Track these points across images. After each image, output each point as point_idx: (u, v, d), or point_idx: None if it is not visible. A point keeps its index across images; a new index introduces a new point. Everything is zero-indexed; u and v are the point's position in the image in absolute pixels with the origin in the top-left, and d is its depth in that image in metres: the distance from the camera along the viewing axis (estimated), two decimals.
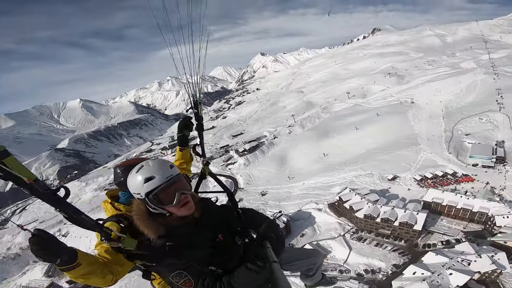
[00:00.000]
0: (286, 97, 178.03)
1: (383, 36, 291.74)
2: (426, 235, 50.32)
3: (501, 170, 68.71)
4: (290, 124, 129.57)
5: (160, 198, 2.06)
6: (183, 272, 1.94)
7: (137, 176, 2.04)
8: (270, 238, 2.22)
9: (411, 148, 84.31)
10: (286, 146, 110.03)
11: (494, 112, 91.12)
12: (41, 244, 1.57)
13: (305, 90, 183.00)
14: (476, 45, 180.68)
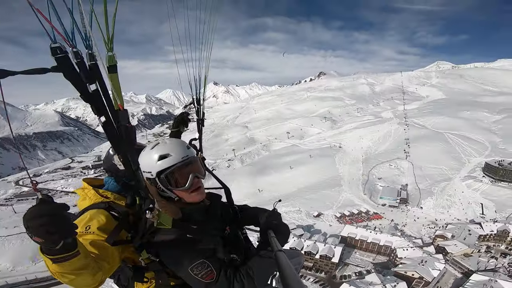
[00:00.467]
0: (230, 130, 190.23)
1: (327, 80, 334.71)
2: (343, 266, 60.65)
3: (403, 209, 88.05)
4: (230, 158, 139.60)
5: (172, 179, 2.05)
6: (206, 261, 1.86)
7: (151, 152, 2.03)
8: (274, 227, 2.19)
9: (334, 188, 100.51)
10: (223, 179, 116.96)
11: (402, 159, 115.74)
12: (51, 216, 1.21)
13: (250, 125, 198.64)
14: (397, 96, 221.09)
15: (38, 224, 1.19)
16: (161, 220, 1.75)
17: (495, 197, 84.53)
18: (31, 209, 1.23)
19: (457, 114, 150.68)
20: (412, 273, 50.50)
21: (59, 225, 1.24)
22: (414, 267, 51.29)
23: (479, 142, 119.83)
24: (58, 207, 1.26)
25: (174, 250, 1.90)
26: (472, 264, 52.12)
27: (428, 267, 50.85)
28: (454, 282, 50.81)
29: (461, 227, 64.99)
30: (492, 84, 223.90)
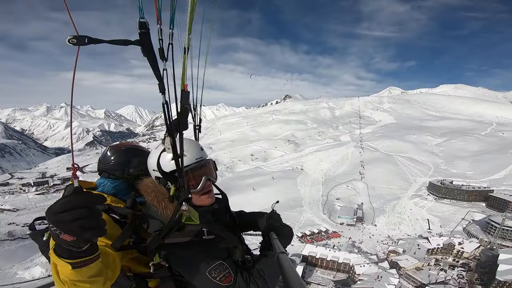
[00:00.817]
0: None
1: (291, 104, 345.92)
2: None
3: (359, 227, 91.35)
4: None
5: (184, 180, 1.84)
6: (224, 263, 1.75)
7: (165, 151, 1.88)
8: (276, 229, 2.10)
9: (296, 209, 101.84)
10: None
11: (357, 181, 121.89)
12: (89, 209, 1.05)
13: (214, 147, 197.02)
14: (354, 120, 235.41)
15: (72, 217, 1.01)
16: (191, 215, 1.63)
17: (439, 213, 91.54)
18: (62, 200, 1.04)
19: (405, 137, 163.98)
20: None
21: (97, 220, 1.09)
22: (371, 283, 52.72)
23: (424, 164, 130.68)
24: (97, 197, 1.11)
25: (189, 252, 1.76)
26: (423, 278, 54.95)
27: (384, 282, 52.48)
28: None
29: (411, 242, 68.81)
30: (434, 109, 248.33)
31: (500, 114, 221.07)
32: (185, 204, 1.60)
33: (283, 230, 2.15)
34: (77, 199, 1.03)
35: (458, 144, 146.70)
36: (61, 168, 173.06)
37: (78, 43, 1.08)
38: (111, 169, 2.31)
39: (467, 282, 54.59)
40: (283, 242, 1.99)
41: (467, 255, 61.70)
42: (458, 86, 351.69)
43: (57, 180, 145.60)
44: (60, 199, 1.04)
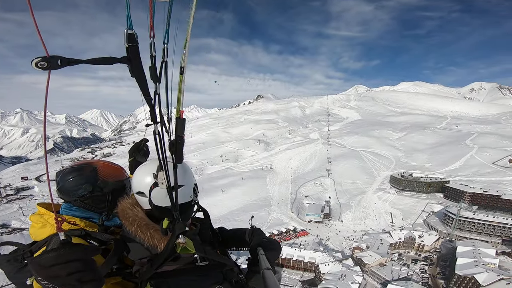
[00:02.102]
0: None
1: (263, 104, 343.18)
2: None
3: (327, 224, 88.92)
4: None
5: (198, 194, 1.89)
6: (222, 286, 1.75)
7: None
8: (263, 244, 2.03)
9: (264, 209, 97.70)
10: None
11: (325, 177, 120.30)
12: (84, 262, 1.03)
13: (185, 149, 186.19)
14: (323, 118, 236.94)
15: (67, 272, 0.95)
16: (187, 245, 1.52)
17: (401, 206, 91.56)
18: (52, 254, 0.95)
19: (369, 133, 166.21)
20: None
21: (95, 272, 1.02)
22: (335, 282, 49.60)
23: (386, 157, 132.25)
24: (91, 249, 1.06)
25: (183, 280, 1.64)
26: (387, 274, 52.69)
27: (348, 281, 49.57)
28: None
29: (374, 237, 67.04)
30: (395, 106, 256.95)
31: (454, 109, 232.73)
32: (182, 237, 1.47)
33: (271, 245, 2.07)
34: (70, 252, 0.97)
35: (417, 138, 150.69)
36: (16, 178, 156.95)
37: (50, 67, 0.91)
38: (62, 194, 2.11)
39: (429, 277, 53.10)
40: (271, 257, 1.95)
41: (428, 248, 60.70)
42: (417, 83, 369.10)
43: (9, 190, 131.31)
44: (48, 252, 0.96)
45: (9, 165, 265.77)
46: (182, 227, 1.48)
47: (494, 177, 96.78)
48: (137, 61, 1.12)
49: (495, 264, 48.53)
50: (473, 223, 64.63)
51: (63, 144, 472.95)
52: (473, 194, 78.35)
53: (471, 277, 44.68)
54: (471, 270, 46.16)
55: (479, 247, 52.40)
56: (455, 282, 47.03)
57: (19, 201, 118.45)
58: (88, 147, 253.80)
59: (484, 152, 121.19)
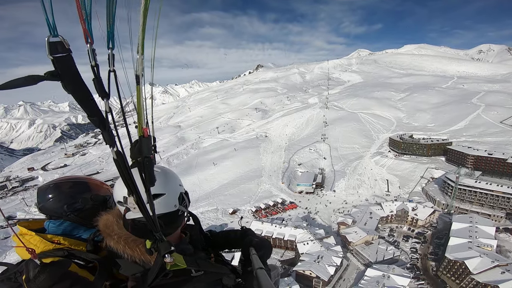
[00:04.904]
0: (162, 132, 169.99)
1: (263, 73, 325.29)
2: None
3: (318, 195, 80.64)
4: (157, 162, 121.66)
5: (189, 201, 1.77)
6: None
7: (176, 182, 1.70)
8: (255, 244, 1.96)
9: (254, 180, 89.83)
10: None
11: (321, 142, 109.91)
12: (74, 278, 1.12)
13: (183, 124, 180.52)
14: (323, 82, 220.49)
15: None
16: (176, 261, 1.43)
17: (399, 172, 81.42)
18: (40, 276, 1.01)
19: (370, 95, 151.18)
20: (310, 272, 41.23)
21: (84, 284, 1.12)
22: (310, 265, 42.32)
23: (387, 119, 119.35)
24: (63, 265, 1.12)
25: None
26: (371, 254, 44.70)
27: (325, 263, 42.12)
28: (357, 275, 42.82)
29: (363, 210, 58.34)
30: (400, 67, 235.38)
31: (461, 69, 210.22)
32: (169, 256, 1.37)
33: (262, 244, 2.07)
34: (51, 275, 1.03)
35: (420, 98, 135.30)
36: (24, 170, 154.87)
37: None
38: (51, 209, 2.01)
39: (419, 258, 44.49)
40: (263, 256, 1.96)
41: (422, 223, 51.48)
42: (422, 45, 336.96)
43: (15, 182, 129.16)
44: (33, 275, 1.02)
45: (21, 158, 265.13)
46: (167, 246, 1.35)
47: (502, 137, 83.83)
48: (71, 75, 0.85)
49: (492, 247, 39.59)
50: (474, 192, 54.27)
51: (71, 131, 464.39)
52: (477, 157, 66.49)
53: (462, 263, 35.85)
54: (463, 253, 37.54)
55: (477, 224, 43.19)
56: (445, 266, 38.47)
57: (23, 192, 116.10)
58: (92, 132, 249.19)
59: (492, 110, 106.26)
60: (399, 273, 37.33)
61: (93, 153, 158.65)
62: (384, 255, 44.16)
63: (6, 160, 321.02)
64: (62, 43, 0.78)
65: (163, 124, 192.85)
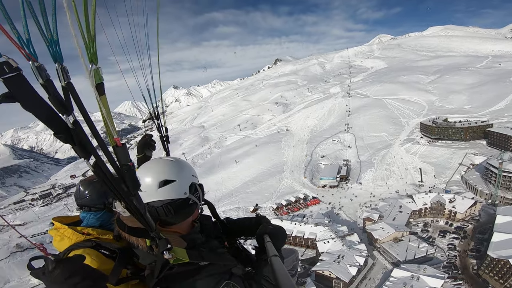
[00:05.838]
0: (187, 134, 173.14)
1: (282, 66, 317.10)
2: None
3: (343, 188, 75.58)
4: None
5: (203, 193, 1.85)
6: (230, 282, 1.61)
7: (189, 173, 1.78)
8: (269, 231, 1.92)
9: (276, 176, 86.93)
10: None
11: (344, 132, 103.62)
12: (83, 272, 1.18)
13: (206, 124, 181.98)
14: (344, 71, 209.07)
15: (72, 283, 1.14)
16: (177, 255, 1.48)
17: (433, 159, 73.55)
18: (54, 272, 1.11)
19: (396, 79, 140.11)
20: (329, 273, 37.84)
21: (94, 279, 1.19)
22: (330, 265, 38.76)
23: (417, 103, 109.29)
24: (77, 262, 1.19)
25: (191, 281, 1.61)
26: (400, 252, 39.90)
27: (346, 263, 38.27)
28: (383, 275, 38.57)
29: (392, 204, 52.76)
30: (426, 50, 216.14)
31: (496, 48, 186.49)
32: (167, 253, 1.43)
33: (276, 232, 2.05)
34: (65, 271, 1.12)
35: (453, 79, 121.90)
36: (67, 177, 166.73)
37: None
38: (90, 203, 2.21)
39: (457, 255, 38.73)
40: (277, 244, 1.93)
41: (461, 216, 45.00)
42: (448, 27, 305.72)
43: (59, 189, 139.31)
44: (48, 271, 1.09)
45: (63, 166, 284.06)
46: (164, 244, 1.41)
47: None
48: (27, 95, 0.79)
49: None
50: None
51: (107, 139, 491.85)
52: None
53: (506, 261, 30.15)
54: (508, 251, 31.27)
55: None
56: (487, 265, 32.72)
57: (66, 198, 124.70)
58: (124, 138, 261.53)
59: None
60: (431, 273, 32.46)
61: None
62: (416, 253, 39.07)
63: (52, 169, 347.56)
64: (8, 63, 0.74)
65: (187, 126, 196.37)
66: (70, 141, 0.90)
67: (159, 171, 1.66)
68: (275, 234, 1.95)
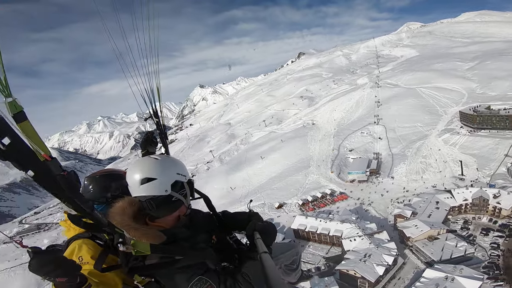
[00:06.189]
0: (214, 131, 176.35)
1: (305, 60, 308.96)
2: None
3: (374, 182, 71.99)
4: (209, 160, 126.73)
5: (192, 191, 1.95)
6: (203, 277, 1.68)
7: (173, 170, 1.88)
8: (259, 228, 1.98)
9: (302, 171, 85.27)
10: (201, 183, 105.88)
11: (374, 124, 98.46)
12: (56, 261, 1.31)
13: (233, 121, 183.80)
14: (372, 61, 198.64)
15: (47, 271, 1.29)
16: (138, 248, 1.60)
17: (476, 151, 67.14)
18: (31, 262, 1.28)
19: (429, 67, 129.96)
20: (354, 272, 36.31)
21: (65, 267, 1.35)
22: (355, 264, 37.10)
23: (455, 91, 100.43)
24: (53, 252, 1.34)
25: (170, 271, 1.73)
26: (435, 251, 37.03)
27: (373, 262, 36.36)
28: (414, 275, 36.28)
29: (427, 199, 49.09)
30: (462, 36, 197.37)
31: None
32: (121, 246, 1.59)
33: (266, 228, 2.07)
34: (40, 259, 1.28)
35: (494, 65, 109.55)
36: None
37: None
38: (93, 197, 2.40)
39: (501, 255, 34.89)
40: (267, 241, 1.96)
41: (507, 213, 40.51)
42: (483, 12, 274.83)
43: None
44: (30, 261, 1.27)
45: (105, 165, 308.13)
46: (117, 238, 1.59)
47: None
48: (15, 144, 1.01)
49: None
50: None
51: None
52: None
53: None
54: None
55: None
56: None
57: None
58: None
59: None
60: (468, 274, 29.52)
61: None
62: (453, 253, 35.84)
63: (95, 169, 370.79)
64: None
65: (214, 123, 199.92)
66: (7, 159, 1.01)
67: (142, 170, 1.77)
68: (265, 230, 1.98)
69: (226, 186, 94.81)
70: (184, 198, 1.88)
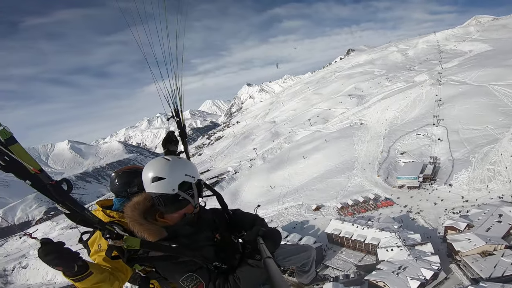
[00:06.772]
0: (259, 129, 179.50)
1: (355, 56, 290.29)
2: (321, 269, 46.18)
3: (427, 189, 65.21)
4: (252, 158, 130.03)
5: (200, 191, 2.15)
6: (193, 274, 1.84)
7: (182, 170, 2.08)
8: (262, 233, 2.08)
9: (345, 173, 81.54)
10: (243, 180, 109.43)
11: (432, 126, 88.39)
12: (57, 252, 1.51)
13: (278, 119, 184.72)
14: (433, 56, 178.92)
15: (48, 260, 1.49)
16: (128, 243, 1.74)
17: None
18: (39, 250, 1.49)
19: (504, 63, 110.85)
20: (384, 284, 33.89)
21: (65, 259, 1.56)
22: (386, 276, 34.40)
23: None
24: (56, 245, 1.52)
25: (165, 264, 1.89)
26: (485, 268, 32.24)
27: (407, 275, 33.24)
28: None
29: (489, 212, 42.81)
30: None
31: None
32: (110, 240, 1.73)
33: (270, 234, 2.09)
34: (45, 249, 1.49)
35: None
36: None
37: None
38: (117, 191, 2.70)
39: None
40: (270, 246, 1.98)
41: None
42: None
43: None
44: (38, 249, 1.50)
45: None
46: (106, 233, 1.73)
47: None
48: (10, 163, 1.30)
49: None
50: None
51: (194, 135, 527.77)
52: None
53: None
54: None
55: None
56: None
57: None
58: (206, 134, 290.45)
59: None
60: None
61: (206, 153, 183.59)
62: (506, 270, 30.74)
63: None
64: None
65: (260, 121, 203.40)
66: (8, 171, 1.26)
67: (154, 169, 1.95)
68: (269, 236, 2.04)
69: (266, 184, 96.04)
70: (191, 198, 2.05)
